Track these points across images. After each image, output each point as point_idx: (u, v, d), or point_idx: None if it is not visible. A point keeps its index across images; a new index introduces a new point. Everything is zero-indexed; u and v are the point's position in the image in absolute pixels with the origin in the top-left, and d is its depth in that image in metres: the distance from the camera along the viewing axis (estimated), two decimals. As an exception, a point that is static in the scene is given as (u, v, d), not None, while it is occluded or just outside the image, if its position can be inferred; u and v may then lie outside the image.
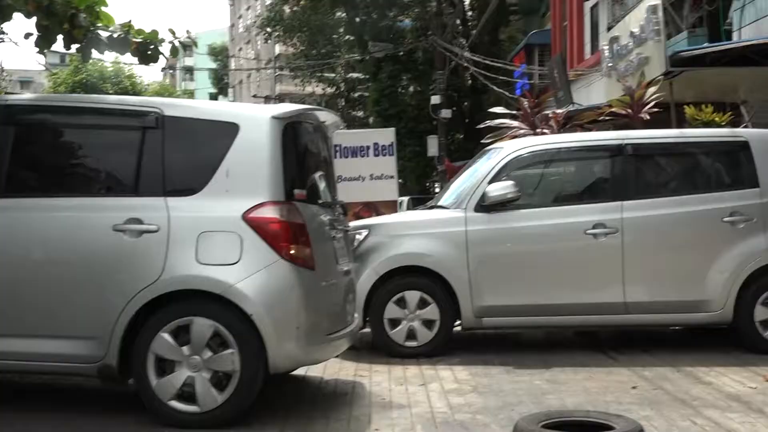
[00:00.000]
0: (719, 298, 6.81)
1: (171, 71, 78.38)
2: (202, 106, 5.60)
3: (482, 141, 12.55)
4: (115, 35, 9.72)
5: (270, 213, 4.70)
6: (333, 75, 42.10)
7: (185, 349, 4.53)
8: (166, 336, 4.54)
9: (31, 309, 4.77)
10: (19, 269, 4.79)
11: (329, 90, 45.00)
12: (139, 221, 4.68)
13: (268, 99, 58.58)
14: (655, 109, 10.05)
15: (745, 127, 9.72)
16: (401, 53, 32.46)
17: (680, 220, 6.95)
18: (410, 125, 30.71)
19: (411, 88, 34.03)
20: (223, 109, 5.48)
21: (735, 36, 12.16)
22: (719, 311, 6.83)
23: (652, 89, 10.49)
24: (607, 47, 15.28)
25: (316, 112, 5.66)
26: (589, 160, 7.67)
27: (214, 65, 64.91)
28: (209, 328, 4.53)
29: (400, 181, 15.97)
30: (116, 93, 27.65)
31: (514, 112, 11.68)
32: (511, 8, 30.66)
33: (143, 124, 4.94)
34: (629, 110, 10.08)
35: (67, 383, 5.75)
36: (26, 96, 5.40)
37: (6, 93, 25.31)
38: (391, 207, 13.12)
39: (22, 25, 6.33)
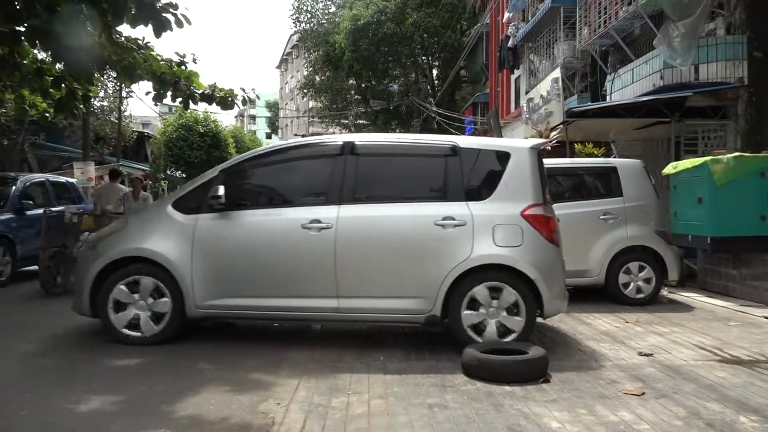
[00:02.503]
0: (597, 268, 6.84)
1: (241, 117, 78.17)
2: (484, 141, 5.31)
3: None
4: (205, 92, 9.73)
5: (538, 211, 4.66)
6: (346, 121, 42.09)
7: (482, 310, 4.53)
8: (467, 312, 4.52)
9: (383, 278, 4.61)
10: (374, 252, 4.62)
11: (344, 131, 44.97)
12: (452, 218, 4.58)
13: (304, 137, 58.53)
14: (556, 145, 10.12)
15: (614, 157, 9.78)
16: (391, 107, 32.54)
17: (573, 217, 6.91)
18: (397, 155, 30.71)
19: (398, 131, 34.07)
20: (498, 143, 5.23)
21: (608, 98, 12.21)
22: (596, 277, 6.87)
23: (554, 132, 10.54)
24: (525, 105, 15.31)
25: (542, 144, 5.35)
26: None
27: (268, 114, 64.69)
28: (487, 288, 4.53)
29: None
30: (205, 132, 27.48)
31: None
32: (463, 78, 30.69)
33: (446, 153, 4.86)
34: (539, 146, 10.16)
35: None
36: (366, 135, 5.18)
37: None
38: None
39: (143, 86, 6.27)
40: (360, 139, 5.09)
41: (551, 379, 3.93)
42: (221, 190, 4.72)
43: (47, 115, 10.09)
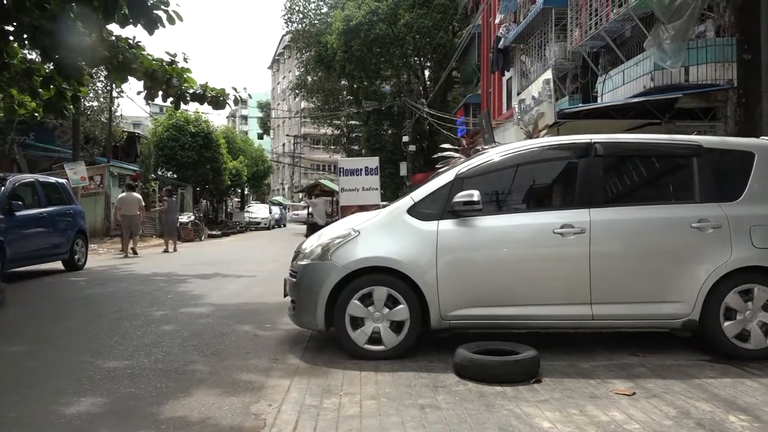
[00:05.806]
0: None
1: (232, 118, 78.05)
2: (727, 140, 5.12)
3: (436, 166, 12.59)
4: (197, 92, 9.66)
5: None
6: (339, 122, 42.09)
7: (741, 313, 4.41)
8: (725, 315, 4.40)
9: (640, 283, 4.46)
10: (630, 256, 4.49)
11: (336, 132, 44.96)
12: (708, 220, 4.45)
13: (296, 137, 58.27)
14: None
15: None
16: (383, 108, 32.55)
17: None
18: (389, 155, 30.80)
19: (390, 131, 34.11)
20: (741, 142, 4.96)
21: (599, 100, 12.27)
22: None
23: (544, 133, 10.58)
24: (517, 106, 15.36)
25: None
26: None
27: (260, 114, 64.55)
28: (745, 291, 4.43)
29: (381, 191, 16.00)
30: (196, 132, 27.10)
31: (456, 147, 11.71)
32: (455, 79, 30.80)
33: (690, 153, 4.70)
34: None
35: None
36: (605, 136, 4.99)
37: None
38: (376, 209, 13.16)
39: (134, 85, 6.22)
40: (602, 139, 4.89)
41: (542, 379, 3.94)
42: (477, 196, 4.42)
43: (36, 114, 10.02)
